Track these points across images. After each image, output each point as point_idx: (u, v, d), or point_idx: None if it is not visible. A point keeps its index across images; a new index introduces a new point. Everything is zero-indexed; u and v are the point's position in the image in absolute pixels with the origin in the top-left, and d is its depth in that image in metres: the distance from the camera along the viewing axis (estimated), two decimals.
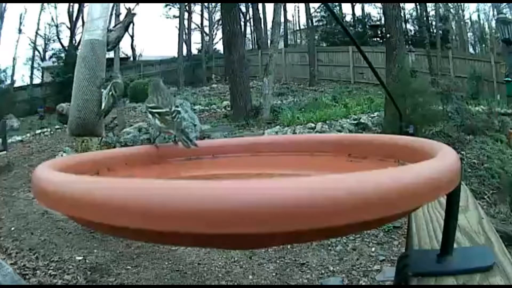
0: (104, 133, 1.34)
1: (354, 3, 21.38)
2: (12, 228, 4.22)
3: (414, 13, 20.37)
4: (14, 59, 20.75)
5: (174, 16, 23.03)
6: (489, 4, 19.32)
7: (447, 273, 0.49)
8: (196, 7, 23.34)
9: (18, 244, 3.77)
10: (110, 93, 1.20)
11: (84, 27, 1.34)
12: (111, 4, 1.38)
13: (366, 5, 21.46)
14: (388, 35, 7.72)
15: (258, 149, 0.76)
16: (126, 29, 1.44)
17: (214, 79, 18.41)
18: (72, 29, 20.86)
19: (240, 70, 9.47)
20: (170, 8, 23.80)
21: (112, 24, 1.37)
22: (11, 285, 2.66)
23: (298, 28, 25.25)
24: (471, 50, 20.68)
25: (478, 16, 21.69)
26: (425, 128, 6.28)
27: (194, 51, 23.04)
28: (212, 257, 3.47)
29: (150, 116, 0.85)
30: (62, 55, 18.79)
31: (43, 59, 22.10)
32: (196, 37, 29.02)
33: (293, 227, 0.27)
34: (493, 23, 18.79)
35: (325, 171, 0.66)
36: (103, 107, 1.21)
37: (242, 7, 21.81)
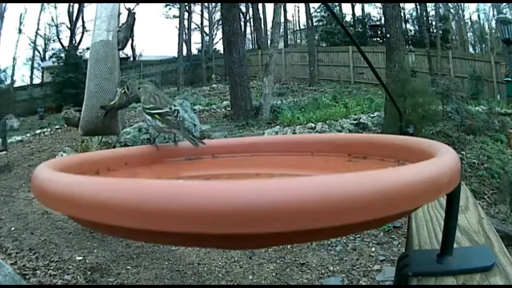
0: (120, 130, 1.36)
1: (354, 3, 21.39)
2: (12, 228, 4.22)
3: (414, 13, 20.40)
4: (14, 59, 20.82)
5: (174, 16, 23.08)
6: (489, 4, 19.36)
7: (447, 273, 0.49)
8: (196, 7, 23.39)
9: (18, 244, 3.77)
10: (123, 91, 1.21)
11: (93, 29, 1.35)
12: (117, 4, 1.38)
13: (366, 5, 21.48)
14: (388, 35, 7.72)
15: (258, 149, 0.76)
16: (132, 29, 1.45)
17: (214, 79, 18.42)
18: (72, 29, 20.89)
19: (240, 70, 9.47)
20: (170, 8, 23.85)
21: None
22: (11, 285, 2.66)
23: (298, 28, 25.26)
24: (471, 50, 20.71)
25: (478, 16, 21.76)
26: (425, 128, 6.28)
27: (194, 51, 23.10)
28: (212, 257, 3.47)
29: (148, 117, 0.83)
30: (62, 55, 18.80)
31: (43, 59, 22.14)
32: (196, 37, 29.10)
33: (294, 228, 0.27)
34: (493, 23, 18.82)
35: (325, 171, 0.66)
36: (113, 102, 1.22)
37: (242, 7, 21.84)
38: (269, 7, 20.35)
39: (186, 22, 21.38)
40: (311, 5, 19.28)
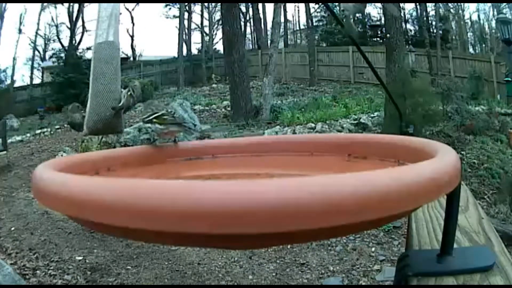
0: (124, 129, 1.42)
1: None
2: (12, 228, 4.22)
3: (414, 13, 20.40)
4: (14, 59, 20.77)
5: (174, 16, 23.09)
6: (489, 4, 19.36)
7: (447, 273, 0.49)
8: (196, 7, 23.38)
9: (18, 244, 3.77)
10: (129, 93, 1.28)
11: (96, 29, 1.37)
12: (118, 4, 1.39)
13: (366, 5, 21.43)
14: (388, 35, 7.72)
15: (258, 149, 0.76)
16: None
17: (214, 79, 18.41)
18: (72, 29, 20.87)
19: (240, 70, 9.47)
20: (170, 8, 23.86)
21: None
22: (11, 285, 2.66)
23: (298, 28, 25.26)
24: (471, 50, 20.71)
25: (478, 16, 21.75)
26: (425, 128, 6.28)
27: (194, 51, 23.10)
28: (212, 257, 3.47)
29: (149, 125, 0.87)
30: (62, 55, 18.81)
31: (43, 59, 22.13)
32: (196, 37, 29.05)
33: (293, 228, 0.27)
34: (493, 23, 18.82)
35: (325, 171, 0.66)
36: (121, 104, 1.27)
37: (242, 7, 21.83)
38: (269, 7, 20.35)
39: (186, 22, 21.38)
40: (311, 5, 19.27)
